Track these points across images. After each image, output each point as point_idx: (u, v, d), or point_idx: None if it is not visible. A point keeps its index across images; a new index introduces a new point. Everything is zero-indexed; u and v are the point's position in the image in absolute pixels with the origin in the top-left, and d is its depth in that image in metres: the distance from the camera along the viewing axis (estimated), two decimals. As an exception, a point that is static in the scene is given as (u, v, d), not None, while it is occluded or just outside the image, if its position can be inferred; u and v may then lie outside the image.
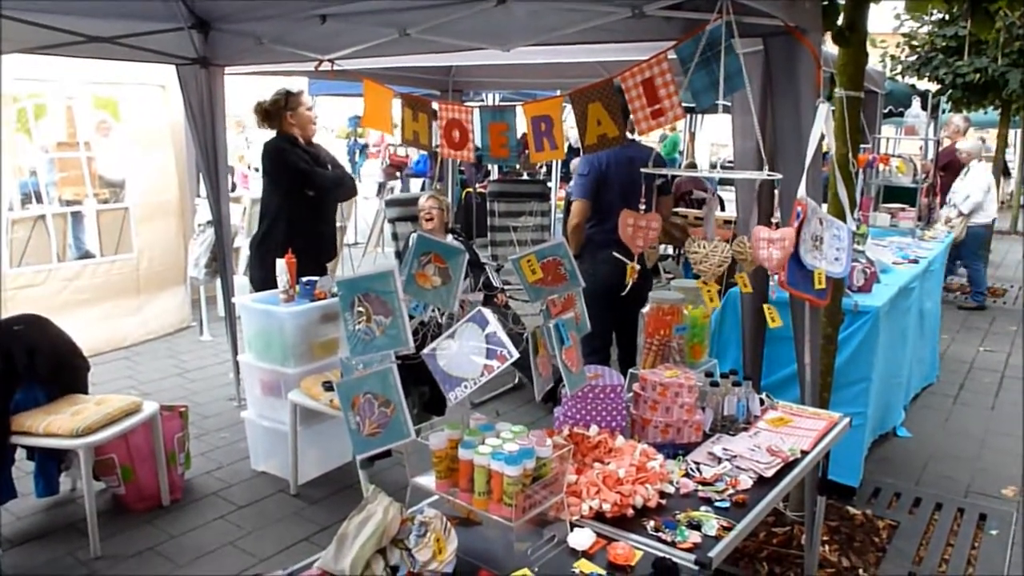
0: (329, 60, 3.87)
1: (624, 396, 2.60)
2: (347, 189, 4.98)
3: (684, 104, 2.71)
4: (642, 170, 2.87)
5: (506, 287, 5.63)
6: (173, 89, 5.23)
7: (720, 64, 2.52)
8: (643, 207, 3.01)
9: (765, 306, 2.86)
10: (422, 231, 5.10)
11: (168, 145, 6.94)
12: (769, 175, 2.76)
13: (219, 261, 5.49)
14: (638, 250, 3.04)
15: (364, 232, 11.10)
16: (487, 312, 2.06)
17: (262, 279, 4.55)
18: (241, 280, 6.68)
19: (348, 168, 7.02)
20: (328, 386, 3.90)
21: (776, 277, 2.73)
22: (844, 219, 3.04)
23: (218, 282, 5.84)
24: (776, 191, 2.85)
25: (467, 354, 2.03)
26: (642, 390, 2.66)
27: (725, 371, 2.96)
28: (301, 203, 4.67)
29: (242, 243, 7.30)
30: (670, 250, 10.00)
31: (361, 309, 2.01)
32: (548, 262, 2.25)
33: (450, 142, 3.17)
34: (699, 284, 2.86)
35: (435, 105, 3.24)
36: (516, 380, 5.69)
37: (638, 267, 2.95)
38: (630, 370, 2.83)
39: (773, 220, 2.82)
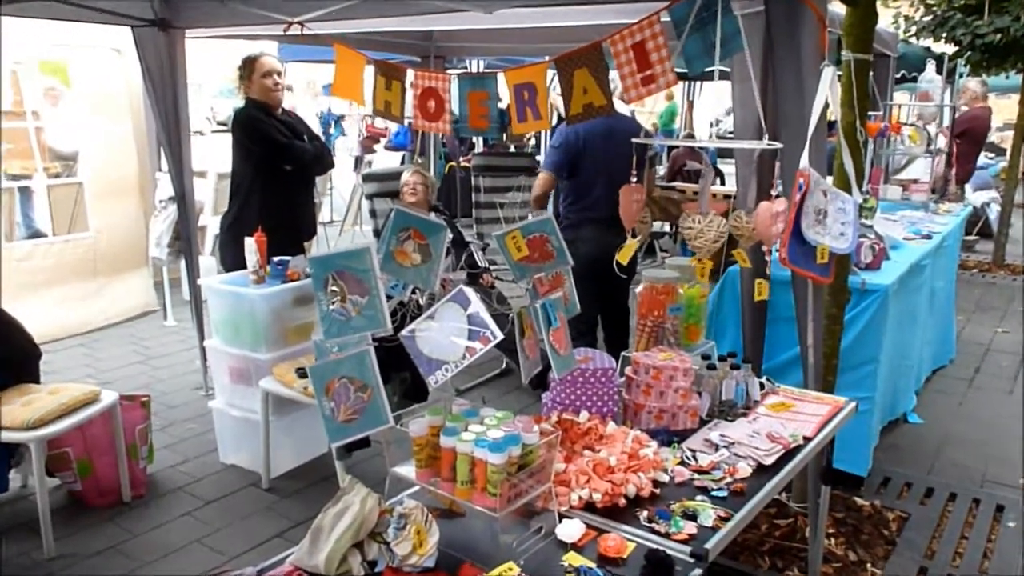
0: (299, 23, 3.86)
1: (616, 380, 2.63)
2: (324, 163, 4.98)
3: (677, 70, 2.72)
4: (634, 140, 2.89)
5: (491, 267, 5.66)
6: (130, 53, 5.20)
7: (717, 26, 2.53)
8: (634, 179, 3.04)
9: (757, 280, 2.89)
10: (402, 206, 5.12)
11: (125, 114, 6.90)
12: (768, 145, 2.78)
13: (183, 240, 5.49)
14: (631, 226, 3.08)
15: (340, 209, 11.09)
16: (469, 291, 2.07)
17: (236, 263, 4.54)
18: (207, 261, 6.70)
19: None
20: (302, 373, 3.92)
21: (778, 253, 2.76)
22: (850, 191, 3.07)
23: (182, 263, 5.83)
24: (777, 163, 2.87)
25: (448, 335, 2.05)
26: (635, 374, 2.70)
27: (723, 353, 3.00)
28: (277, 178, 4.67)
29: (208, 221, 7.29)
30: (666, 227, 10.04)
31: (335, 288, 2.03)
32: (534, 238, 2.27)
33: (424, 113, 3.18)
34: (692, 261, 2.89)
35: (410, 73, 3.25)
36: (504, 365, 5.72)
37: (634, 241, 2.99)
38: (622, 353, 2.86)
39: (773, 193, 2.85)
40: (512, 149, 11.88)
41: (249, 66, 4.67)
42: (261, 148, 4.62)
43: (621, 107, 4.40)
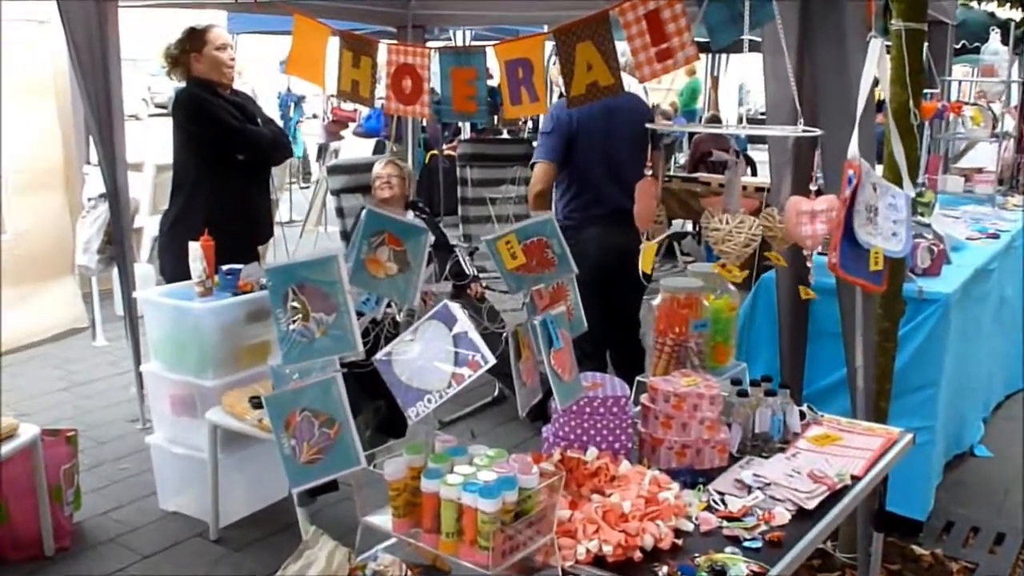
0: (252, -12, 3.86)
1: (630, 411, 2.63)
2: (282, 150, 4.97)
3: (698, 39, 2.72)
4: (648, 125, 2.89)
5: (481, 275, 5.65)
6: (56, 24, 5.20)
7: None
8: (650, 171, 3.04)
9: (800, 288, 2.89)
10: (374, 204, 5.11)
11: (49, 96, 6.88)
12: (805, 131, 2.78)
13: (115, 245, 5.47)
14: (646, 227, 3.08)
15: (301, 207, 11.09)
16: (455, 307, 2.07)
17: (178, 271, 4.52)
18: (144, 269, 6.67)
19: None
20: (257, 402, 3.91)
21: (827, 258, 2.76)
22: (902, 184, 3.07)
23: (114, 272, 5.81)
24: (817, 151, 2.88)
25: (431, 360, 2.04)
26: (652, 402, 2.69)
27: (756, 377, 2.99)
28: (228, 170, 4.66)
29: (145, 221, 7.27)
30: (688, 225, 10.05)
31: (296, 304, 2.03)
32: (532, 243, 2.27)
33: (399, 94, 3.16)
34: (715, 267, 2.89)
35: (382, 47, 3.25)
36: (496, 393, 5.71)
37: (654, 242, 2.99)
38: (637, 378, 2.86)
39: (811, 187, 2.85)
40: (505, 135, 11.91)
41: (199, 38, 4.66)
42: (208, 134, 4.61)
43: (631, 84, 4.39)
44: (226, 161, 4.64)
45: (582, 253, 4.63)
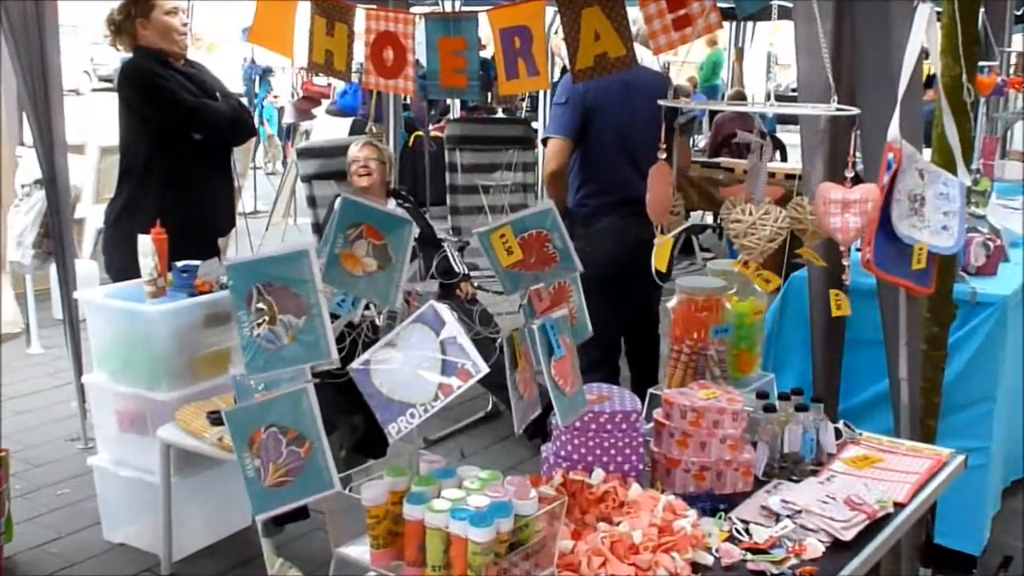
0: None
1: (641, 427, 2.63)
2: (245, 129, 4.97)
3: (721, 5, 2.73)
4: (661, 102, 2.90)
5: (472, 273, 5.66)
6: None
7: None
8: (663, 154, 3.04)
9: (832, 291, 2.90)
10: (350, 192, 5.12)
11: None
12: (841, 110, 2.79)
13: (53, 238, 5.47)
14: (661, 219, 3.08)
15: (267, 197, 11.09)
16: (443, 309, 2.08)
17: (126, 269, 4.52)
18: (86, 266, 6.66)
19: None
20: (216, 418, 3.91)
21: (861, 254, 2.77)
22: (954, 171, 3.08)
23: (52, 269, 5.81)
24: (855, 132, 2.88)
25: (415, 369, 2.05)
26: (667, 418, 2.70)
27: (786, 390, 3.00)
28: (183, 152, 4.66)
29: (88, 211, 7.27)
30: (709, 217, 10.06)
31: (262, 305, 2.03)
32: (530, 237, 2.27)
33: (379, 67, 3.17)
34: (735, 264, 2.89)
35: (360, 13, 3.25)
36: (489, 407, 5.73)
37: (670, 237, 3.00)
38: (649, 390, 2.87)
39: (847, 174, 2.86)
40: (499, 114, 11.92)
41: (145, 2, 4.65)
42: (159, 110, 4.60)
43: (646, 57, 4.41)
44: (180, 142, 4.64)
45: (594, 246, 4.74)
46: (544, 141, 4.82)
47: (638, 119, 4.46)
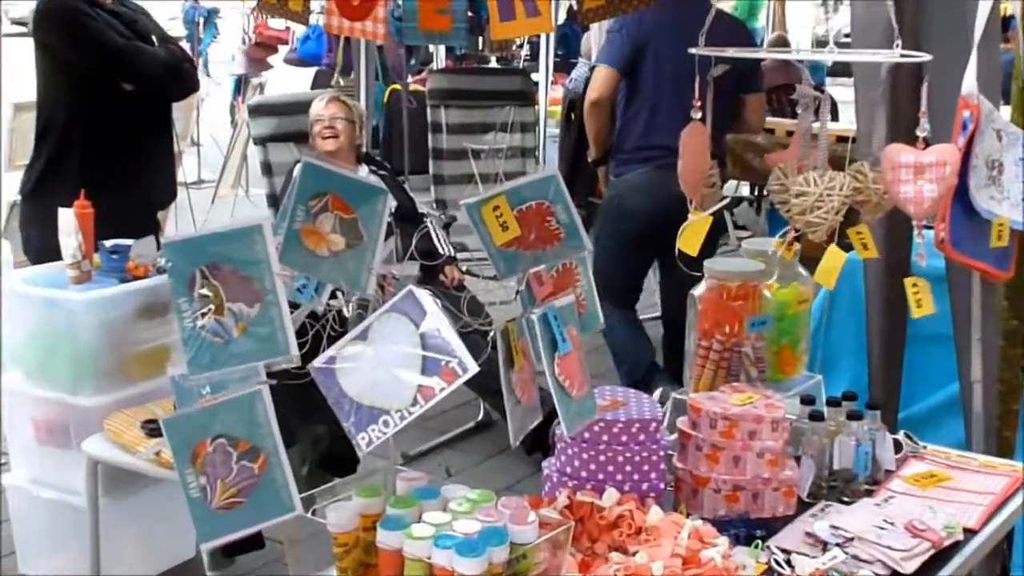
0: None
1: (663, 438, 2.65)
2: (186, 80, 4.97)
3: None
4: (691, 51, 2.90)
5: (459, 255, 5.66)
6: None
7: None
8: (697, 112, 3.05)
9: (908, 281, 2.90)
10: (313, 156, 5.13)
11: None
12: (905, 56, 2.79)
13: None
14: (696, 193, 3.09)
15: (213, 164, 11.05)
16: (424, 296, 2.08)
17: (44, 248, 4.51)
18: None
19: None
20: (153, 427, 3.91)
21: (934, 232, 2.77)
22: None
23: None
24: (925, 83, 2.89)
25: (390, 368, 2.06)
26: (694, 428, 2.71)
27: (835, 395, 3.01)
28: (113, 108, 4.66)
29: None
30: (743, 189, 10.04)
31: (207, 292, 2.03)
32: (529, 209, 2.28)
33: (344, 6, 3.16)
34: (776, 244, 2.89)
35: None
36: (480, 415, 5.73)
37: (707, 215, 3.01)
38: (672, 394, 2.88)
39: (919, 133, 2.86)
40: (493, 63, 11.90)
41: None
42: (84, 57, 4.60)
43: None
44: (110, 95, 4.63)
45: (624, 196, 4.83)
46: (591, 68, 4.94)
47: (689, 63, 4.53)
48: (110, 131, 4.65)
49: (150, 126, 4.85)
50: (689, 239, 3.04)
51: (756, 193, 9.73)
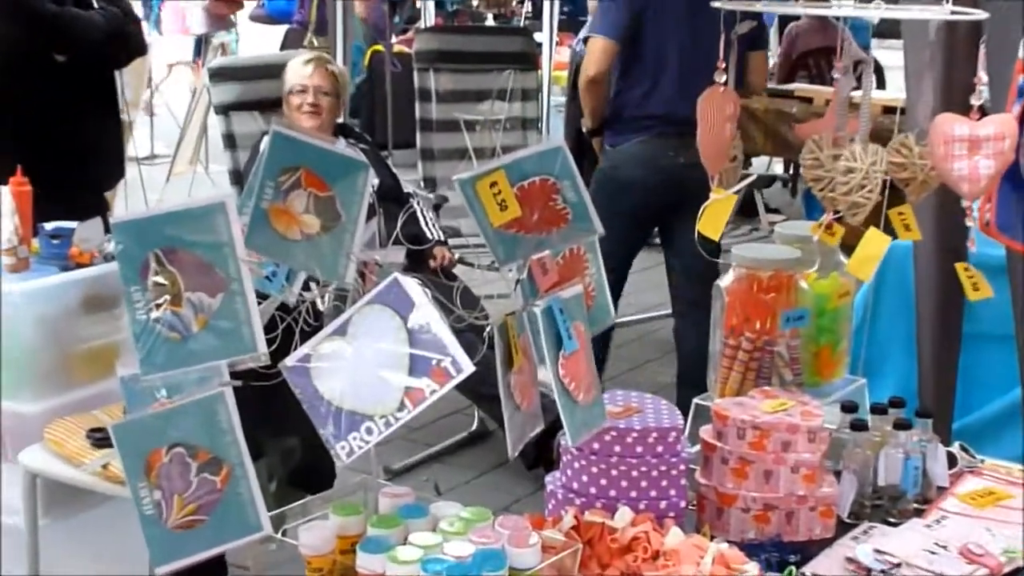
0: None
1: (684, 450, 2.64)
2: (130, 44, 4.95)
3: None
4: (716, 4, 2.89)
5: (452, 241, 5.66)
6: None
7: None
8: (722, 76, 3.04)
9: (960, 265, 2.89)
10: (284, 125, 5.11)
11: None
12: (956, 13, 2.78)
13: None
14: (718, 168, 3.08)
15: (168, 135, 11.07)
16: (412, 286, 2.08)
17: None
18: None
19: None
20: (100, 437, 3.91)
21: (979, 213, 2.76)
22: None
23: None
24: (982, 44, 2.88)
25: (373, 368, 2.05)
26: (719, 438, 2.70)
27: (881, 401, 3.01)
28: (49, 77, 4.66)
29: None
30: (777, 165, 10.05)
31: (162, 280, 2.02)
32: (532, 186, 2.27)
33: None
34: (814, 229, 2.88)
35: None
36: (475, 425, 5.72)
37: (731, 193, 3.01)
38: (695, 400, 2.87)
39: (974, 101, 2.85)
40: (489, 21, 11.90)
41: None
42: (14, 27, 4.59)
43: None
44: (43, 66, 4.63)
45: (619, 166, 4.89)
46: (584, 41, 4.98)
47: (703, 20, 4.56)
48: (46, 102, 4.65)
49: (92, 96, 4.85)
50: (711, 221, 3.02)
51: (791, 171, 9.74)
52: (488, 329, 2.25)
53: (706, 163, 3.07)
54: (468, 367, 2.00)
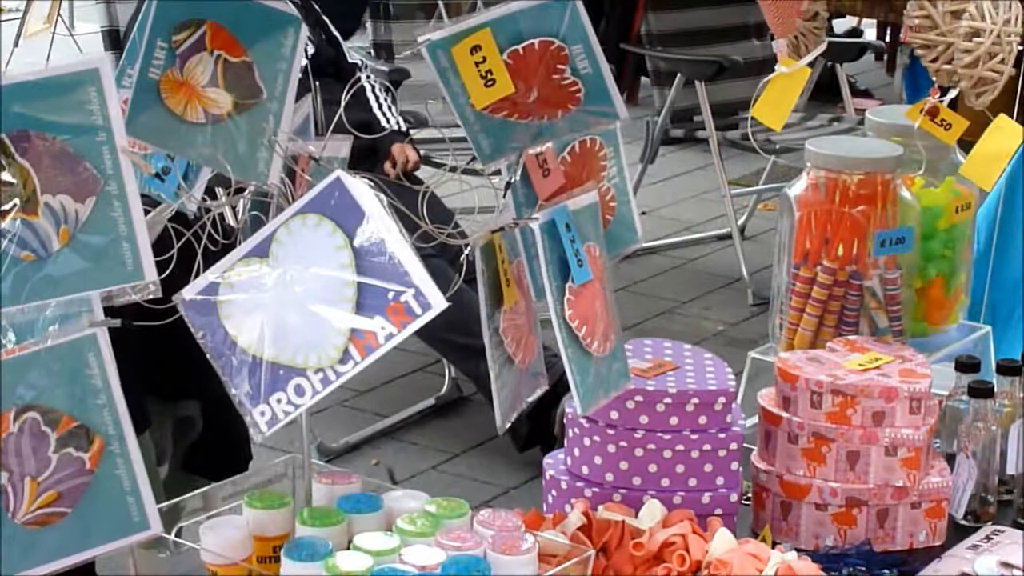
0: None
1: (736, 421, 2.65)
2: None
3: None
4: None
5: (416, 133, 5.66)
6: None
7: None
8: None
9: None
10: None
11: None
12: None
13: None
14: (787, 30, 3.08)
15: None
16: (361, 189, 2.06)
17: None
18: None
19: None
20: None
21: None
22: None
23: None
24: None
25: (306, 302, 2.05)
26: (786, 407, 2.71)
27: (1014, 357, 3.01)
28: None
29: None
30: (870, 32, 10.06)
31: (10, 177, 2.01)
32: (529, 51, 2.26)
33: None
34: (911, 113, 2.89)
35: None
36: (445, 388, 5.74)
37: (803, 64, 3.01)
38: (751, 354, 2.88)
39: None
40: None
41: None
42: None
43: None
44: None
45: None
46: None
47: None
48: None
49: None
50: (772, 103, 3.02)
51: (888, 37, 9.75)
52: (466, 252, 2.23)
53: (772, 24, 3.07)
54: (439, 303, 1.98)
